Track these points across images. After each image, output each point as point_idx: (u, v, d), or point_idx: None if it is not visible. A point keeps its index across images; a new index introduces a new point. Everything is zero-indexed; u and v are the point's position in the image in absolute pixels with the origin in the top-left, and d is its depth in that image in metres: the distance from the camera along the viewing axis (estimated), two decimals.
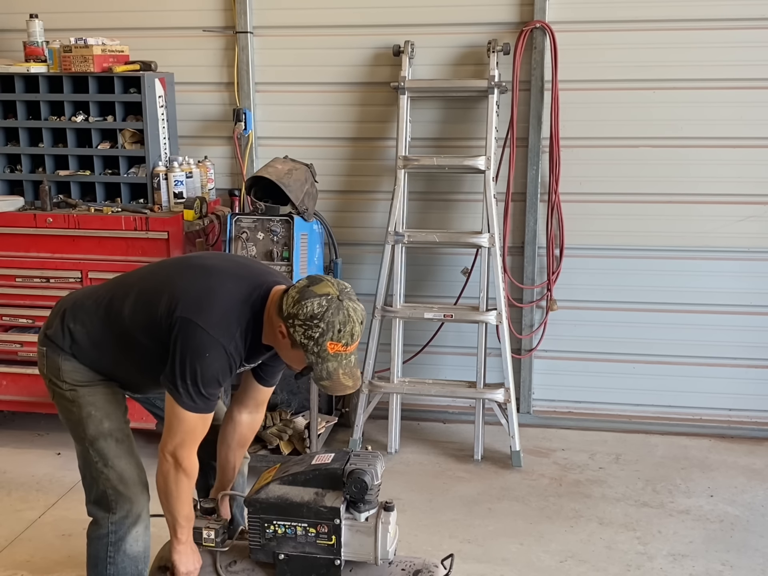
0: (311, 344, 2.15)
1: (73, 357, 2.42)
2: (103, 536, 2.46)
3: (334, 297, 2.17)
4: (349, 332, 2.16)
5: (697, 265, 4.16)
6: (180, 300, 2.25)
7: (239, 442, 2.58)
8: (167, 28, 4.28)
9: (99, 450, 2.44)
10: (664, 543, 3.33)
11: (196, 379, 2.19)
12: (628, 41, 3.99)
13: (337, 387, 2.23)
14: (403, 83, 3.98)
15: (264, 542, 2.33)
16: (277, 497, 2.31)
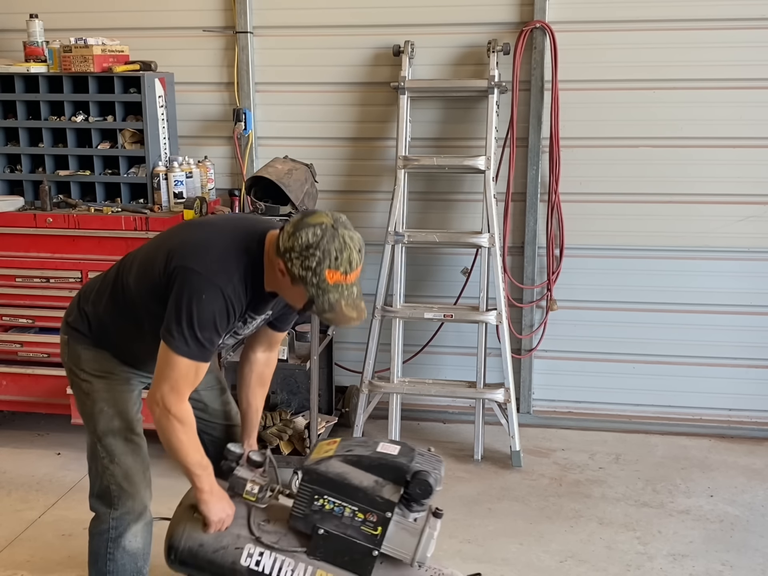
0: (309, 275, 2.12)
1: (92, 344, 2.44)
2: (104, 531, 2.47)
3: (329, 225, 2.14)
4: (346, 259, 2.13)
5: (697, 265, 4.16)
6: (176, 252, 2.26)
7: (258, 380, 2.59)
8: (167, 28, 4.28)
9: (107, 446, 2.45)
10: (664, 543, 3.33)
11: (192, 320, 2.16)
12: (628, 41, 3.99)
13: (340, 319, 2.19)
14: (403, 83, 3.98)
15: (308, 512, 2.29)
16: (336, 474, 2.27)
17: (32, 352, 4.04)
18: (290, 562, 2.31)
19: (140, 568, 2.52)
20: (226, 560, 2.33)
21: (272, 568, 2.31)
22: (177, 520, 2.42)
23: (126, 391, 2.46)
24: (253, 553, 2.33)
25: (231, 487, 2.39)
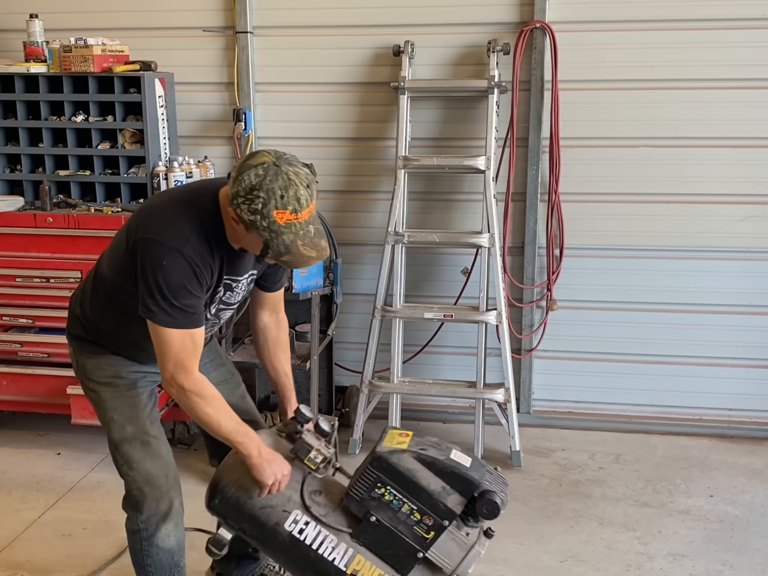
0: (258, 218, 2.05)
1: (93, 350, 2.44)
2: (136, 531, 2.49)
3: (271, 164, 2.06)
4: (293, 196, 2.05)
5: (697, 265, 4.16)
6: (133, 227, 2.23)
7: (275, 344, 2.57)
8: (167, 28, 4.28)
9: (124, 454, 2.44)
10: (664, 543, 3.33)
11: (162, 290, 2.12)
12: (628, 41, 3.99)
13: (299, 260, 2.13)
14: (403, 83, 3.98)
15: (366, 497, 2.25)
16: (406, 469, 2.23)
17: (32, 352, 4.04)
18: (333, 540, 2.27)
19: (177, 561, 2.53)
20: (270, 519, 2.29)
21: (314, 540, 2.28)
22: (230, 467, 2.37)
23: (133, 396, 2.44)
24: (299, 520, 2.29)
25: (295, 450, 2.35)
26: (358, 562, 2.27)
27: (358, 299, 4.38)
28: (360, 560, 2.27)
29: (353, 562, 2.27)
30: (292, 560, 2.33)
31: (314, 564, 2.28)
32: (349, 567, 2.27)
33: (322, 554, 2.27)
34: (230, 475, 2.35)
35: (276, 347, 2.58)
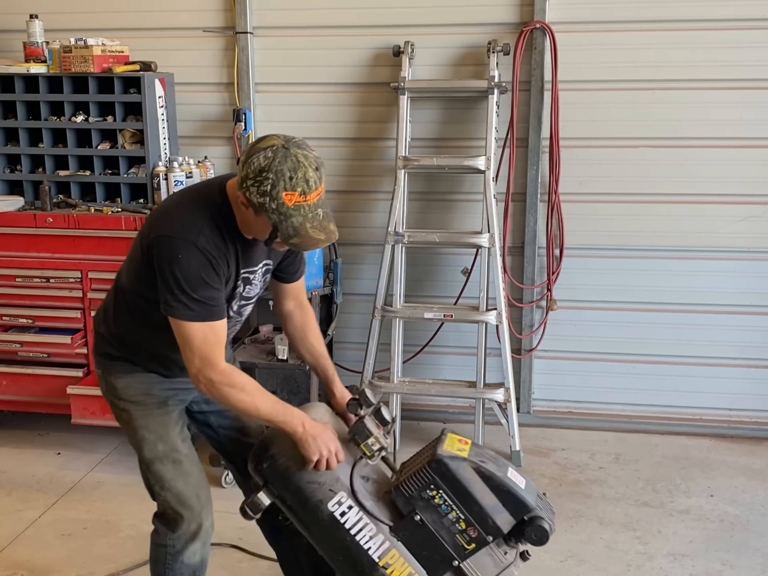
0: (267, 200, 2.04)
1: (122, 368, 2.41)
2: (162, 546, 2.48)
3: (279, 146, 2.05)
4: (302, 178, 2.03)
5: (697, 265, 4.16)
6: (146, 230, 2.24)
7: (304, 328, 2.54)
8: (167, 28, 4.28)
9: (155, 473, 2.43)
10: (664, 543, 3.33)
11: (180, 283, 2.11)
12: (628, 41, 3.99)
13: (308, 242, 2.11)
14: (403, 83, 3.98)
15: (415, 495, 2.22)
16: (464, 478, 2.20)
17: (32, 352, 4.04)
18: (372, 529, 2.24)
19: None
20: (314, 495, 2.26)
21: (353, 526, 2.24)
22: (284, 435, 2.32)
23: (164, 414, 2.42)
24: (344, 503, 2.25)
25: (353, 432, 2.30)
26: (392, 556, 2.24)
27: (358, 299, 4.38)
28: (394, 555, 2.24)
29: (387, 556, 2.24)
30: (325, 540, 2.30)
31: (347, 549, 2.26)
32: (381, 559, 2.24)
33: (358, 541, 2.24)
34: (284, 442, 2.29)
35: (305, 331, 2.54)
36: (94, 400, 3.83)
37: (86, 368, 4.03)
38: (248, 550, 3.25)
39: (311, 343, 2.54)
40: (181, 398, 2.48)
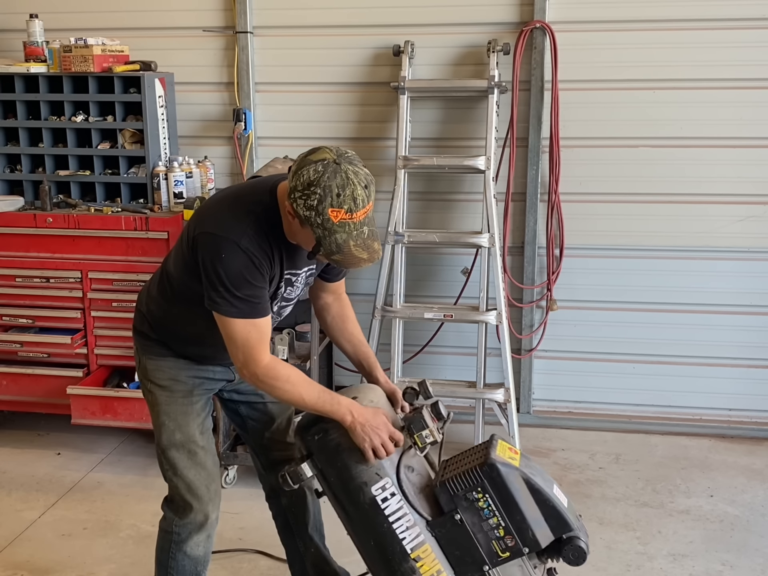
0: (313, 214, 2.03)
1: (156, 351, 2.43)
2: (168, 533, 2.51)
3: (331, 161, 2.05)
4: (349, 196, 2.02)
5: (697, 265, 4.16)
6: (193, 224, 2.25)
7: (341, 318, 2.53)
8: (167, 28, 4.28)
9: (169, 459, 2.45)
10: (664, 543, 3.33)
11: (223, 282, 2.12)
12: (628, 41, 3.99)
13: (350, 260, 2.09)
14: (403, 83, 3.98)
15: (460, 495, 2.21)
16: (512, 486, 2.19)
17: (32, 352, 4.04)
18: (410, 520, 2.23)
19: (199, 572, 2.54)
20: (360, 476, 2.24)
21: (392, 513, 2.22)
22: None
23: (187, 404, 2.44)
24: (387, 488, 2.23)
25: (409, 421, 2.28)
26: (425, 550, 2.23)
27: (358, 299, 4.36)
28: (426, 549, 2.23)
29: (419, 549, 2.23)
30: (360, 522, 2.27)
31: (381, 535, 2.24)
32: (414, 552, 2.23)
33: (395, 529, 2.22)
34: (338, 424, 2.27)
35: (343, 320, 2.54)
36: (94, 400, 3.83)
37: (86, 368, 4.03)
38: (275, 555, 3.20)
39: (350, 332, 2.53)
40: (208, 387, 2.49)
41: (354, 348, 2.54)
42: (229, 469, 3.77)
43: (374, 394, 2.38)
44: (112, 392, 3.88)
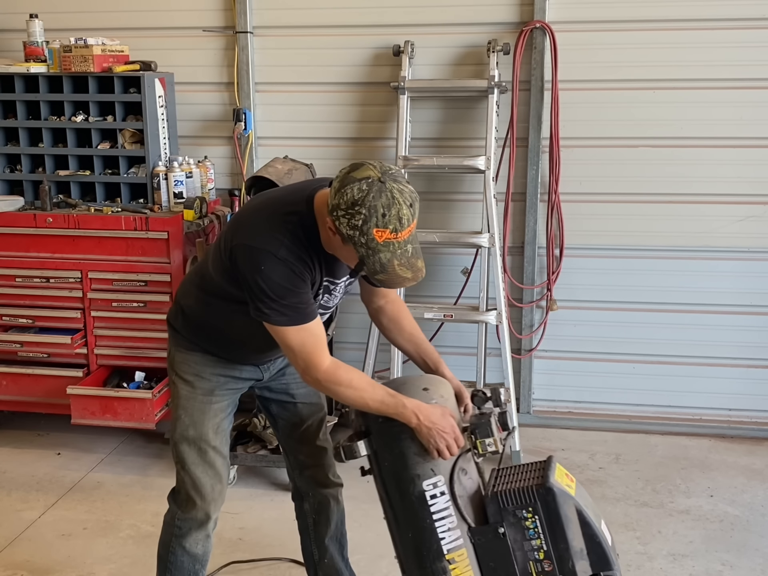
0: (357, 234, 2.00)
1: (186, 345, 2.44)
2: (171, 525, 2.52)
3: (375, 179, 2.00)
4: (395, 216, 1.98)
5: (697, 265, 4.16)
6: (230, 232, 2.24)
7: (400, 320, 2.50)
8: (167, 28, 4.28)
9: (180, 453, 2.46)
10: (664, 543, 3.33)
11: (267, 293, 2.11)
12: (628, 41, 3.99)
13: (394, 280, 2.07)
14: (403, 83, 3.98)
15: (509, 510, 2.18)
16: (564, 515, 2.17)
17: (32, 352, 4.04)
18: (453, 522, 2.21)
19: (197, 570, 2.54)
20: (414, 468, 2.21)
21: (438, 512, 2.20)
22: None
23: (206, 402, 2.44)
24: (439, 486, 2.20)
25: (474, 425, 2.24)
26: (460, 554, 2.22)
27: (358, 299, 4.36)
28: (462, 554, 2.22)
29: (455, 552, 2.22)
30: (404, 512, 2.26)
31: (422, 530, 2.22)
32: (450, 553, 2.22)
33: (436, 528, 2.21)
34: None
35: (399, 321, 2.51)
36: (94, 400, 3.83)
37: (86, 368, 4.03)
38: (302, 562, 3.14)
39: (409, 332, 2.50)
40: (233, 387, 2.49)
41: (416, 347, 2.50)
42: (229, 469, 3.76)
43: (445, 389, 2.34)
44: (112, 392, 3.87)
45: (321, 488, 2.68)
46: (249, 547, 3.31)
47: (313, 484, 2.67)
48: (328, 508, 2.69)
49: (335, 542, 2.73)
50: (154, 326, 3.91)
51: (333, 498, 2.69)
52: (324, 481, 2.68)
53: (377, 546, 3.26)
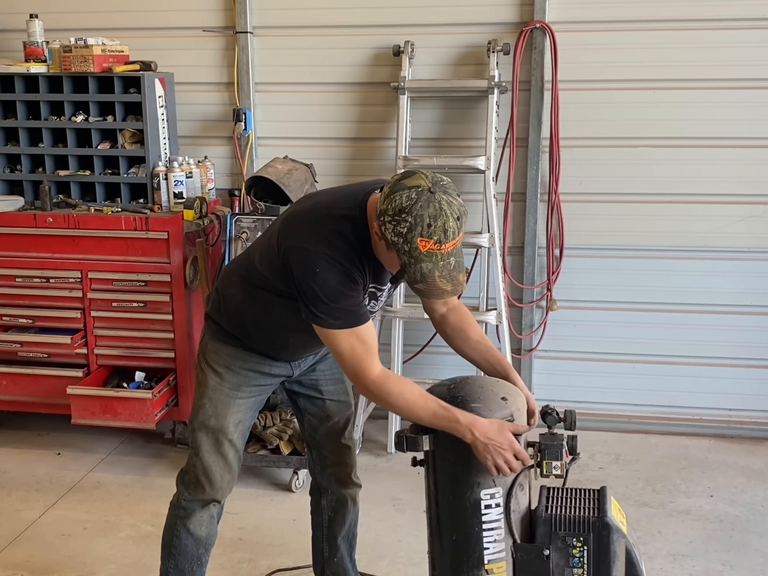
0: (401, 241, 2.01)
1: (221, 335, 2.44)
2: (177, 507, 2.54)
3: (425, 189, 2.01)
4: (440, 227, 1.99)
5: (697, 265, 4.16)
6: (283, 232, 2.23)
7: (465, 328, 2.48)
8: (167, 28, 4.28)
9: (196, 440, 2.48)
10: (664, 543, 3.33)
11: (320, 297, 2.11)
12: (628, 41, 3.99)
13: (433, 291, 2.08)
14: (403, 83, 3.98)
15: (559, 535, 2.17)
16: (614, 552, 2.16)
17: (32, 352, 4.04)
18: (501, 535, 2.19)
19: (200, 554, 2.55)
20: (474, 475, 2.18)
21: (489, 522, 2.18)
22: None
23: (232, 396, 2.45)
24: (496, 497, 2.18)
25: (544, 446, 2.24)
26: (500, 566, 2.21)
27: None
28: (502, 567, 2.21)
29: (495, 563, 2.21)
30: (453, 515, 2.22)
31: (468, 536, 2.20)
32: (489, 564, 2.20)
33: (483, 537, 2.19)
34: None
35: (464, 330, 2.48)
36: (94, 400, 3.83)
37: (86, 368, 4.03)
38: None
39: (475, 341, 2.47)
40: (262, 383, 2.49)
41: (482, 355, 2.47)
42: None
43: (522, 402, 2.31)
44: (112, 392, 3.87)
45: (341, 487, 2.69)
46: (249, 547, 3.31)
47: (333, 481, 2.68)
48: (345, 507, 2.71)
49: (346, 542, 2.75)
50: (154, 326, 3.91)
51: (351, 498, 2.71)
52: (345, 480, 2.69)
53: (377, 546, 3.28)
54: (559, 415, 2.34)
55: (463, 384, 2.28)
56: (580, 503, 2.24)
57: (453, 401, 2.18)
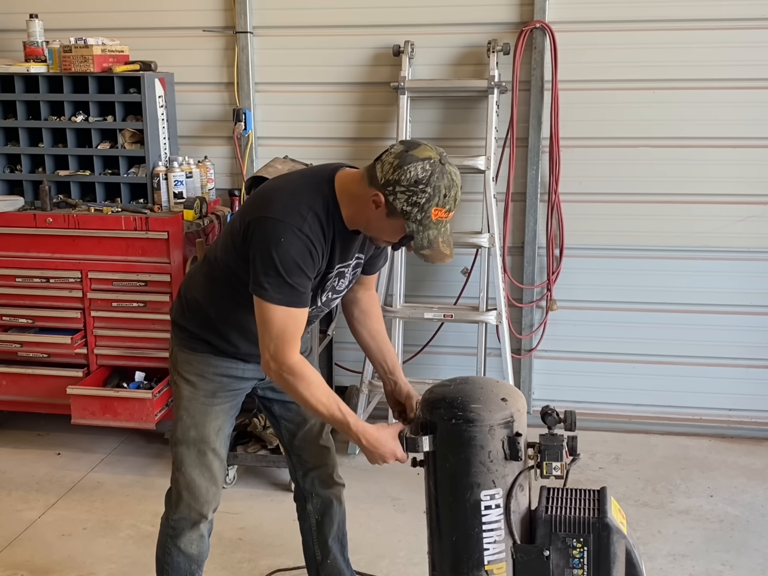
0: (415, 211, 2.08)
1: (189, 344, 2.43)
2: (166, 526, 2.53)
3: (437, 161, 2.08)
4: (453, 197, 2.10)
5: (697, 265, 4.16)
6: (248, 209, 2.25)
7: (370, 313, 2.54)
8: (167, 28, 4.28)
9: (177, 454, 2.47)
10: (664, 543, 3.33)
11: (276, 266, 2.12)
12: (628, 41, 3.99)
13: (436, 255, 2.17)
14: (403, 83, 3.98)
15: (560, 536, 2.16)
16: (614, 553, 2.15)
17: (32, 352, 4.04)
18: (501, 535, 2.18)
19: (193, 571, 2.54)
20: (475, 476, 2.17)
21: (489, 523, 2.17)
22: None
23: (209, 404, 2.44)
24: (496, 498, 2.17)
25: (545, 446, 2.26)
26: (500, 567, 2.20)
27: None
28: (502, 567, 2.20)
29: (495, 564, 2.20)
30: (453, 516, 2.22)
31: (468, 537, 2.20)
32: (489, 565, 2.20)
33: (483, 538, 2.19)
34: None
35: (369, 316, 2.54)
36: (94, 400, 3.83)
37: (86, 368, 4.03)
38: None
39: (375, 329, 2.55)
40: (236, 388, 2.48)
41: (377, 345, 2.55)
42: (229, 469, 3.76)
43: (522, 403, 2.35)
44: (112, 392, 3.87)
45: (325, 488, 2.68)
46: (249, 547, 3.31)
47: (317, 484, 2.67)
48: (331, 508, 2.70)
49: (337, 542, 2.74)
50: (154, 326, 3.91)
51: (336, 498, 2.70)
52: (328, 481, 2.68)
53: (377, 546, 3.27)
54: (559, 416, 2.34)
55: (463, 384, 2.28)
56: (580, 504, 2.24)
57: (453, 401, 2.18)
